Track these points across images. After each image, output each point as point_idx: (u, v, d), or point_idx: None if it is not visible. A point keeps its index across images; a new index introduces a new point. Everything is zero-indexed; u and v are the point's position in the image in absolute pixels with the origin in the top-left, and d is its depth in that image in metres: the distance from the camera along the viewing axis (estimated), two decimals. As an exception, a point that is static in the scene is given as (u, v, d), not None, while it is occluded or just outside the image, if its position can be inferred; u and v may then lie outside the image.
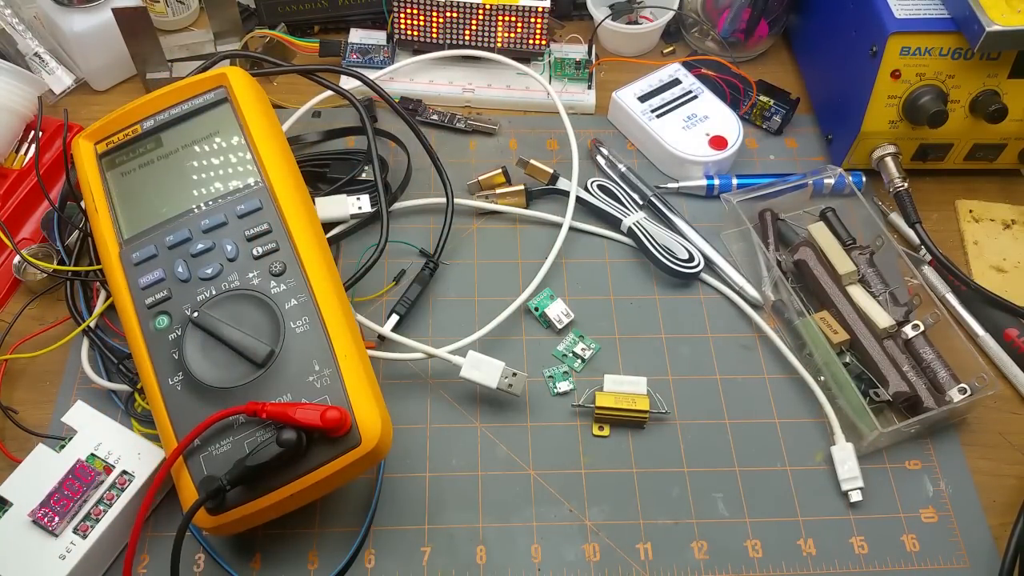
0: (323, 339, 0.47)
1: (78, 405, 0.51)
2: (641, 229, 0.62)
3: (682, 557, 0.51)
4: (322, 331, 0.47)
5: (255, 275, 0.49)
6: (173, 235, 0.51)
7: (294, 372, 0.46)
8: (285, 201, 0.51)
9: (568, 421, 0.56)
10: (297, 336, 0.47)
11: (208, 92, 0.56)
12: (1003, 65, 0.60)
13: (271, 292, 0.48)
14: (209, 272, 0.49)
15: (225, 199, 0.52)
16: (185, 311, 0.48)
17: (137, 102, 0.57)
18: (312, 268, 0.49)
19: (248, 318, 0.48)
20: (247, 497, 0.44)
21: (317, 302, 0.48)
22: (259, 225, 0.50)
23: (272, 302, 0.48)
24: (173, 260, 0.50)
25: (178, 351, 0.47)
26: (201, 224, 0.51)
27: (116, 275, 0.50)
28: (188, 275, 0.49)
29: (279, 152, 0.54)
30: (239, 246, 0.50)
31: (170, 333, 0.48)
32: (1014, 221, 0.66)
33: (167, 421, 0.46)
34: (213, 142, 0.54)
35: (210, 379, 0.46)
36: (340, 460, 0.44)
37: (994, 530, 0.52)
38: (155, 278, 0.50)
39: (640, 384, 0.56)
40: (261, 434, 0.45)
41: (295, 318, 0.47)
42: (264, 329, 0.47)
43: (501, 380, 0.54)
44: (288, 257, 0.49)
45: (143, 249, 0.51)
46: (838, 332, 0.56)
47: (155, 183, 0.54)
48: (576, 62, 0.73)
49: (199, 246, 0.50)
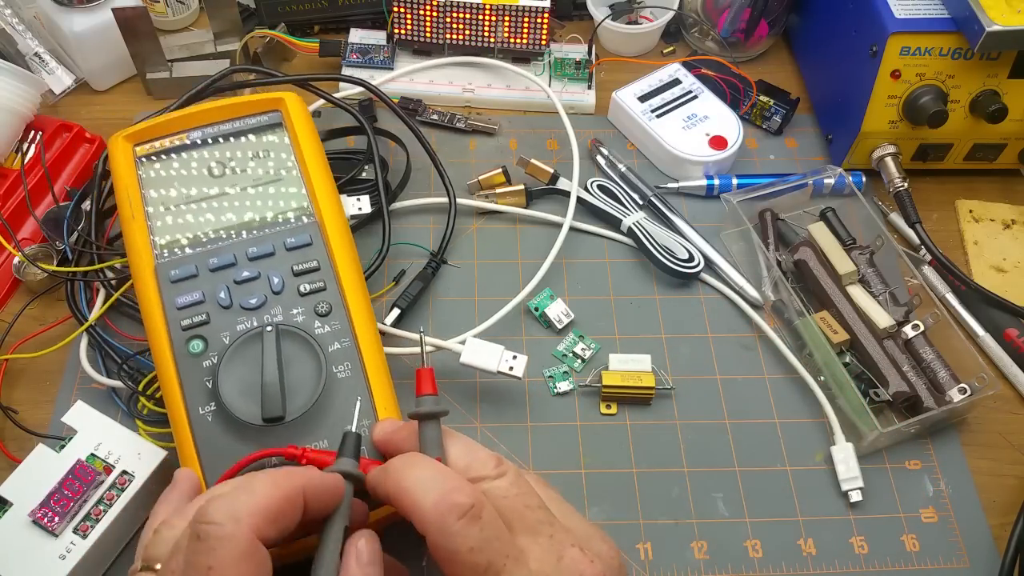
0: (364, 387, 0.45)
1: (78, 405, 0.51)
2: (641, 229, 0.62)
3: (682, 557, 0.51)
4: (363, 379, 0.46)
5: (299, 312, 0.47)
6: (217, 257, 0.49)
7: (333, 418, 0.45)
8: (335, 239, 0.50)
9: (569, 421, 0.56)
10: (339, 381, 0.45)
11: (263, 114, 0.55)
12: (1003, 65, 0.60)
13: (315, 332, 0.46)
14: (253, 302, 0.47)
15: (274, 228, 0.50)
16: (223, 339, 0.46)
17: (186, 111, 0.55)
18: (356, 312, 0.48)
19: (296, 358, 0.46)
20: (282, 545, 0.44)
21: (360, 348, 0.47)
22: (308, 261, 0.49)
23: (316, 343, 0.46)
24: (215, 284, 0.48)
25: (212, 380, 0.45)
26: (248, 251, 0.49)
27: (148, 289, 0.48)
28: (230, 302, 0.47)
29: (329, 185, 0.53)
30: (285, 280, 0.48)
31: (204, 360, 0.46)
32: (1014, 221, 0.66)
33: (193, 451, 0.44)
34: (266, 166, 0.53)
35: (243, 414, 0.44)
36: (374, 514, 0.42)
37: (994, 530, 0.52)
38: (193, 299, 0.47)
39: (645, 361, 0.56)
40: None
41: (338, 362, 0.46)
42: (307, 371, 0.45)
43: (502, 363, 0.53)
44: (334, 298, 0.48)
45: (183, 267, 0.48)
46: (838, 332, 0.56)
47: (199, 198, 0.52)
48: (576, 62, 0.73)
49: (244, 273, 0.48)
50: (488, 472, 0.37)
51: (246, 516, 0.32)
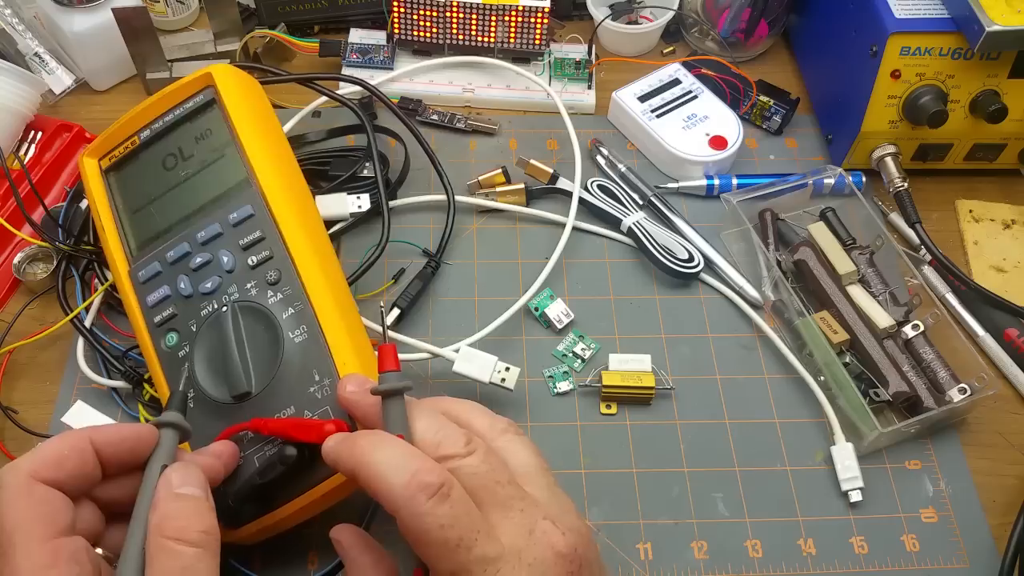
0: (322, 348, 0.45)
1: (78, 405, 0.51)
2: (641, 229, 0.62)
3: (682, 557, 0.51)
4: (320, 340, 0.45)
5: (252, 286, 0.47)
6: (173, 250, 0.50)
7: (296, 383, 0.45)
8: (277, 205, 0.49)
9: (569, 421, 0.56)
10: (296, 346, 0.46)
11: (197, 94, 0.54)
12: (1003, 65, 0.60)
13: (268, 303, 0.47)
14: (209, 286, 0.48)
15: (219, 207, 0.50)
16: (191, 327, 0.47)
17: (131, 112, 0.55)
18: (308, 275, 0.47)
19: (253, 332, 0.46)
20: (258, 512, 0.45)
21: (315, 310, 0.46)
22: (252, 233, 0.49)
23: (271, 313, 0.46)
24: (176, 276, 0.49)
25: (188, 368, 0.46)
26: (198, 236, 0.49)
27: (128, 294, 0.50)
28: (191, 291, 0.48)
29: (271, 150, 0.52)
30: (236, 257, 0.48)
31: (179, 350, 0.48)
32: (1014, 221, 0.66)
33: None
34: (206, 146, 0.52)
35: (217, 394, 0.45)
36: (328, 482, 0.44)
37: (994, 530, 0.52)
38: (161, 295, 0.49)
39: (645, 361, 0.56)
40: (270, 448, 0.44)
41: (292, 328, 0.46)
42: (266, 343, 0.46)
43: (493, 374, 0.54)
44: (283, 265, 0.48)
45: (148, 267, 0.50)
46: (838, 332, 0.56)
47: (156, 196, 0.52)
48: (576, 62, 0.73)
49: (198, 259, 0.49)
50: (458, 450, 0.38)
51: (24, 465, 0.36)
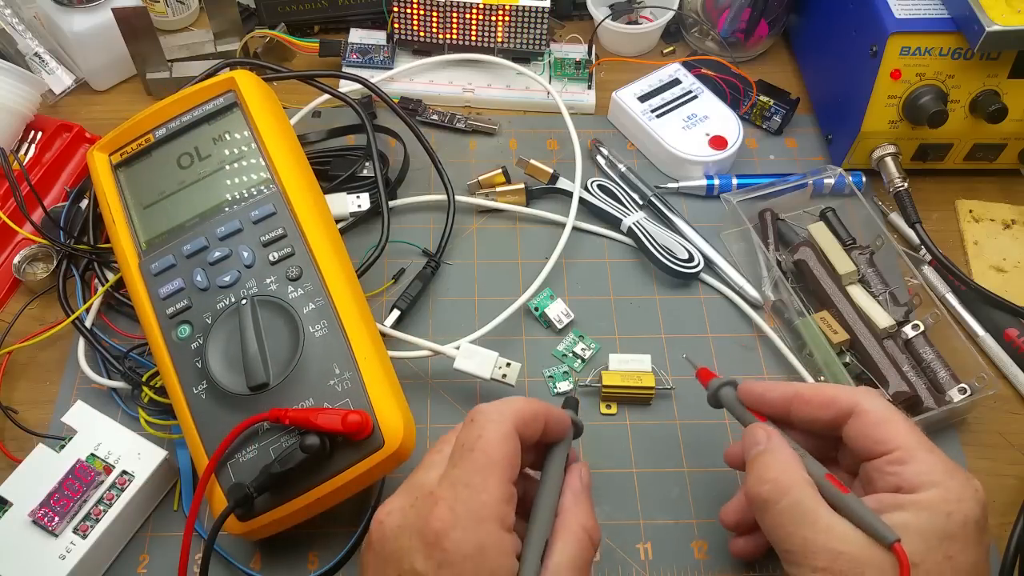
0: (342, 342, 0.47)
1: (78, 405, 0.51)
2: (641, 229, 0.62)
3: (682, 557, 0.51)
4: (341, 334, 0.47)
5: (272, 280, 0.49)
6: (190, 244, 0.51)
7: (315, 376, 0.46)
8: (298, 204, 0.51)
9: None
10: (317, 340, 0.47)
11: (218, 97, 0.56)
12: (1003, 65, 0.60)
13: (288, 297, 0.48)
14: (227, 280, 0.49)
15: (239, 205, 0.52)
16: (206, 320, 0.49)
17: (148, 111, 0.56)
18: (328, 271, 0.49)
19: (272, 325, 0.48)
20: (275, 503, 0.45)
21: (335, 305, 0.48)
22: (274, 230, 0.51)
23: (291, 308, 0.48)
24: (191, 269, 0.50)
25: (201, 359, 0.47)
26: (217, 232, 0.51)
27: (137, 286, 0.51)
28: (207, 284, 0.50)
29: (291, 154, 0.54)
30: (255, 252, 0.50)
31: (192, 342, 0.48)
32: (1014, 221, 0.66)
33: (194, 430, 0.47)
34: (225, 147, 0.54)
35: (232, 386, 0.46)
36: (364, 463, 0.44)
37: (994, 530, 0.52)
38: (174, 288, 0.50)
39: (645, 361, 0.56)
40: (286, 440, 0.45)
41: (313, 322, 0.48)
42: (285, 336, 0.47)
43: (494, 370, 0.54)
44: (304, 261, 0.50)
45: (161, 259, 0.51)
46: (838, 332, 0.56)
47: (171, 192, 0.54)
48: (576, 62, 0.73)
49: (216, 254, 0.50)
50: None
51: (509, 413, 0.41)
